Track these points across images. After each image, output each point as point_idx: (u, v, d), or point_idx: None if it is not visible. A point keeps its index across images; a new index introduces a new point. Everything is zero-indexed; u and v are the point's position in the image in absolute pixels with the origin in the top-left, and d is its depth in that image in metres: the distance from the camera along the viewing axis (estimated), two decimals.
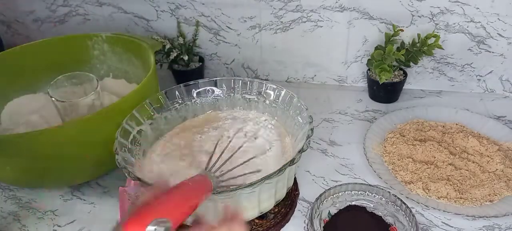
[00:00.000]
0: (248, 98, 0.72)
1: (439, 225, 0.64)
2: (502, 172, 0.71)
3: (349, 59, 0.96)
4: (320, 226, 0.58)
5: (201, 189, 0.45)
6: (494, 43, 0.88)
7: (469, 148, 0.76)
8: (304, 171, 0.74)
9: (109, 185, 0.73)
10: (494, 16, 0.85)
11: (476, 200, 0.66)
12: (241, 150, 0.63)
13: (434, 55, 0.90)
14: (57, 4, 1.01)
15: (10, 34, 1.08)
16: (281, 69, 1.01)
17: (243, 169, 0.60)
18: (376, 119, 0.85)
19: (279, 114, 0.70)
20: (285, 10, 0.92)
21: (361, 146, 0.78)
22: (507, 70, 0.91)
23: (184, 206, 0.40)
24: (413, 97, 0.95)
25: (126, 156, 0.58)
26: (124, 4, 0.98)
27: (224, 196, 0.51)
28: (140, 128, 0.64)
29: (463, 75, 0.94)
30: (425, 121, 0.84)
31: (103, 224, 0.65)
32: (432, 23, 0.88)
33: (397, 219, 0.59)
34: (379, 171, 0.71)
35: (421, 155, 0.75)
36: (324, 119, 0.89)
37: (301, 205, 0.68)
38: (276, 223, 0.63)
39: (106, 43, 0.84)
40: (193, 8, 0.95)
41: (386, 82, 0.87)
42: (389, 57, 0.85)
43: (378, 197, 0.61)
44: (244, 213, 0.57)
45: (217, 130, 0.69)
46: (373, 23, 0.90)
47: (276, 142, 0.67)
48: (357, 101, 0.94)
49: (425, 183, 0.69)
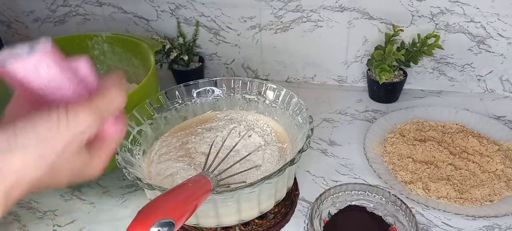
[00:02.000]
0: (248, 98, 0.72)
1: (439, 225, 0.64)
2: (502, 172, 0.71)
3: (349, 59, 0.96)
4: (320, 226, 0.58)
5: (202, 189, 0.45)
6: (494, 43, 0.88)
7: (469, 148, 0.76)
8: (304, 171, 0.74)
9: (109, 185, 0.73)
10: (494, 16, 0.85)
11: (476, 200, 0.66)
12: (236, 148, 0.63)
13: (434, 55, 0.90)
14: (57, 4, 1.01)
15: (10, 34, 1.08)
16: (281, 69, 1.01)
17: (241, 166, 0.60)
18: (376, 119, 0.85)
19: (279, 115, 0.70)
20: (285, 10, 0.92)
21: (361, 146, 0.78)
22: (507, 70, 0.91)
23: (186, 207, 0.40)
24: (413, 97, 0.95)
25: (126, 156, 0.58)
26: (124, 4, 0.98)
27: (224, 196, 0.51)
28: (140, 128, 0.64)
29: (463, 75, 0.94)
30: (425, 121, 0.84)
31: (103, 224, 0.65)
32: (432, 23, 0.88)
33: (397, 219, 0.59)
34: (379, 171, 0.71)
35: (421, 155, 0.75)
36: (324, 119, 0.89)
37: (301, 205, 0.68)
38: (276, 223, 0.63)
39: (106, 43, 0.84)
40: (193, 8, 0.95)
41: (386, 82, 0.87)
42: (389, 57, 0.85)
43: (378, 197, 0.61)
44: (243, 213, 0.57)
45: (215, 130, 0.69)
46: (373, 23, 0.90)
47: (273, 141, 0.67)
48: (357, 101, 0.94)
49: (425, 183, 0.69)
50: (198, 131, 0.69)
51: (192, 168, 0.61)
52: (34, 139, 0.25)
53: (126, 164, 0.56)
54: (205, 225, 0.58)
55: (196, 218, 0.56)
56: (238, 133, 0.68)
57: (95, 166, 0.31)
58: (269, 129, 0.70)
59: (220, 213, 0.55)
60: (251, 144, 0.66)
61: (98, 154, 0.31)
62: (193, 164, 0.62)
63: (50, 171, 0.27)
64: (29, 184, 0.27)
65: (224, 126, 0.70)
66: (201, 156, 0.63)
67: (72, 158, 0.28)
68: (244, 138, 0.66)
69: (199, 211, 0.48)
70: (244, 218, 0.58)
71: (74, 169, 0.29)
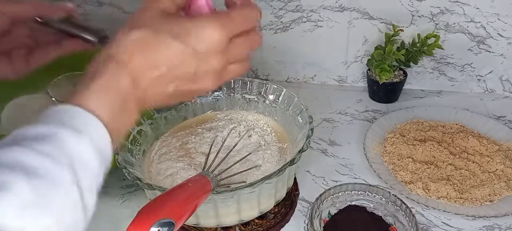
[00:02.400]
0: (248, 98, 0.72)
1: (439, 225, 0.64)
2: (502, 172, 0.71)
3: (349, 59, 0.96)
4: (320, 226, 0.58)
5: (202, 189, 0.45)
6: (494, 43, 0.88)
7: (469, 148, 0.76)
8: (304, 171, 0.74)
9: (109, 185, 0.73)
10: (494, 16, 0.85)
11: (476, 200, 0.66)
12: (236, 148, 0.63)
13: (434, 55, 0.90)
14: None
15: None
16: (281, 69, 1.01)
17: (241, 166, 0.60)
18: (376, 119, 0.85)
19: (279, 115, 0.70)
20: (285, 10, 0.92)
21: (361, 146, 0.78)
22: (507, 70, 0.91)
23: (186, 207, 0.40)
24: (413, 97, 0.95)
25: (126, 156, 0.58)
26: (124, 4, 0.98)
27: (224, 196, 0.51)
28: (140, 128, 0.64)
29: (463, 75, 0.94)
30: (425, 121, 0.84)
31: (103, 224, 0.65)
32: (432, 23, 0.88)
33: (397, 219, 0.59)
34: (379, 171, 0.71)
35: (421, 155, 0.75)
36: (324, 119, 0.89)
37: (301, 205, 0.68)
38: (276, 223, 0.63)
39: None
40: None
41: (386, 82, 0.87)
42: (389, 57, 0.85)
43: (378, 197, 0.61)
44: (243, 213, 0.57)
45: (215, 130, 0.69)
46: (373, 23, 0.90)
47: (273, 141, 0.67)
48: (357, 101, 0.94)
49: (425, 183, 0.69)
50: (198, 131, 0.69)
51: (192, 168, 0.61)
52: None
53: (126, 164, 0.56)
54: (205, 225, 0.58)
55: (196, 218, 0.56)
56: (238, 133, 0.68)
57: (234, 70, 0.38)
58: (269, 129, 0.70)
59: (220, 213, 0.55)
60: (251, 144, 0.66)
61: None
62: (193, 164, 0.62)
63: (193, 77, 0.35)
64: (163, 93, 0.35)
65: (224, 126, 0.70)
66: (201, 156, 0.63)
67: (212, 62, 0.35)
68: (244, 138, 0.66)
69: (199, 211, 0.48)
70: (244, 218, 0.58)
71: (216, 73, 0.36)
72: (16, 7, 0.46)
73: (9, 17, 0.46)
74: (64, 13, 0.48)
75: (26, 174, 0.26)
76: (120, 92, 0.32)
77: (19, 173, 0.26)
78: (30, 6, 0.47)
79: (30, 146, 0.27)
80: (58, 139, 0.28)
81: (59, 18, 0.48)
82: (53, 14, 0.47)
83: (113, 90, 0.32)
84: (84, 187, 0.29)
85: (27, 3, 0.47)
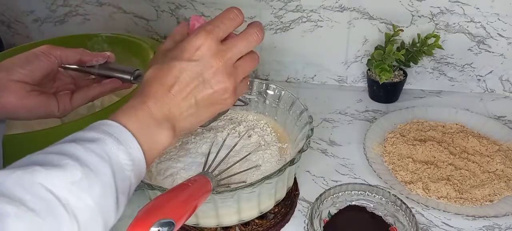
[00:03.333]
0: (248, 98, 0.72)
1: (439, 225, 0.64)
2: (502, 172, 0.71)
3: (349, 59, 0.96)
4: (320, 226, 0.58)
5: (202, 189, 0.45)
6: (494, 43, 0.88)
7: (469, 148, 0.76)
8: (304, 171, 0.74)
9: None
10: (494, 16, 0.85)
11: (476, 200, 0.66)
12: (236, 148, 0.63)
13: (434, 55, 0.90)
14: (57, 4, 1.01)
15: (10, 34, 1.08)
16: (281, 69, 1.01)
17: (241, 166, 0.60)
18: (376, 119, 0.85)
19: (279, 115, 0.70)
20: (285, 10, 0.92)
21: (361, 146, 0.78)
22: (507, 70, 0.91)
23: (186, 207, 0.40)
24: (413, 97, 0.95)
25: None
26: (124, 4, 0.98)
27: (224, 196, 0.51)
28: None
29: (463, 75, 0.94)
30: (425, 121, 0.84)
31: None
32: (432, 23, 0.88)
33: (397, 219, 0.59)
34: (379, 171, 0.71)
35: (421, 155, 0.75)
36: (324, 119, 0.89)
37: (301, 205, 0.68)
38: (276, 223, 0.63)
39: (106, 43, 0.84)
40: (193, 8, 0.95)
41: (386, 82, 0.87)
42: (389, 57, 0.85)
43: (378, 197, 0.61)
44: (243, 213, 0.57)
45: (215, 130, 0.69)
46: (373, 23, 0.90)
47: (273, 141, 0.67)
48: (357, 101, 0.94)
49: (425, 183, 0.69)
50: (198, 131, 0.69)
51: (192, 168, 0.61)
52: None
53: None
54: (205, 225, 0.58)
55: (196, 218, 0.56)
56: (238, 133, 0.68)
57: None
58: (269, 129, 0.70)
59: (220, 213, 0.55)
60: (251, 144, 0.66)
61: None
62: (193, 164, 0.62)
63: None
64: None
65: (224, 126, 0.70)
66: (201, 156, 0.63)
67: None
68: (244, 138, 0.66)
69: (199, 211, 0.48)
70: (244, 218, 0.58)
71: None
72: (65, 52, 0.54)
73: (58, 60, 0.54)
74: (104, 59, 0.57)
75: (79, 161, 0.34)
76: (144, 114, 0.40)
77: (74, 160, 0.34)
78: (76, 52, 0.55)
79: (84, 144, 0.35)
80: (104, 143, 0.36)
81: (99, 63, 0.57)
82: (95, 60, 0.56)
83: (142, 114, 0.40)
84: (119, 186, 0.36)
85: (73, 49, 0.55)
